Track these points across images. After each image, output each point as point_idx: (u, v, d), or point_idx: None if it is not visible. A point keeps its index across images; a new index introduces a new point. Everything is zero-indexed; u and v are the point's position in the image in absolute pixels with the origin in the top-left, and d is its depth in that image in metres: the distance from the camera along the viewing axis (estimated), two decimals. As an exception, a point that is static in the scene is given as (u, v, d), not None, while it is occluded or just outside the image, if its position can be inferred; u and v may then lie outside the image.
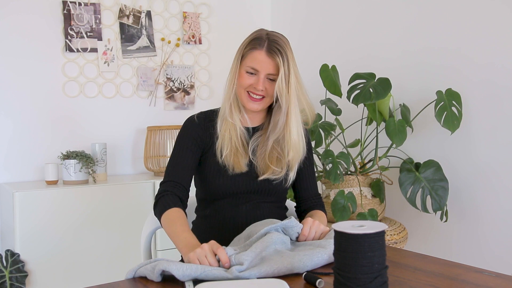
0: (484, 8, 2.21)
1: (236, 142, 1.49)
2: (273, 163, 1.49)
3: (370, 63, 2.74)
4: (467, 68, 2.29)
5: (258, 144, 1.53)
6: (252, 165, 1.51)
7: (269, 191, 1.52)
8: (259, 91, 1.45)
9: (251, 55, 1.45)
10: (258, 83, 1.45)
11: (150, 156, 2.88)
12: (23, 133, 2.71)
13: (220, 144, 1.49)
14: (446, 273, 1.13)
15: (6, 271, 2.28)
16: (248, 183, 1.50)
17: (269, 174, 1.49)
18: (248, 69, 1.45)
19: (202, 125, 1.53)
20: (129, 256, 2.52)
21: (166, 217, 1.38)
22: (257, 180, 1.50)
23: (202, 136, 1.52)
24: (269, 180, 1.50)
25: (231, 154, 1.48)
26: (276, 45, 1.44)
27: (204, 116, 1.56)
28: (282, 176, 1.51)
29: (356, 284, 0.89)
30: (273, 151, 1.50)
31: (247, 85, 1.46)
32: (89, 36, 2.87)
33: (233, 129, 1.49)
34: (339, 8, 2.99)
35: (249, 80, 1.46)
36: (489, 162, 2.23)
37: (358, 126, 2.59)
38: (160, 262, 1.10)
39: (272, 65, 1.44)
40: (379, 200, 2.38)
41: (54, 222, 2.38)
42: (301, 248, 1.24)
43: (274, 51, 1.43)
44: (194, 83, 3.22)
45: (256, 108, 1.48)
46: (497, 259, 2.19)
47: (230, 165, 1.48)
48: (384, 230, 0.91)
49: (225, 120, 1.50)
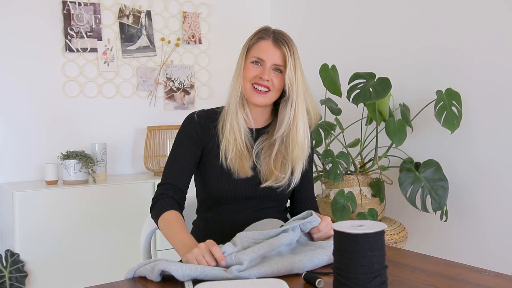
0: (484, 7, 2.21)
1: (241, 144, 1.46)
2: (277, 168, 1.46)
3: (370, 63, 2.74)
4: (467, 67, 2.29)
5: (263, 147, 1.49)
6: (255, 170, 1.48)
7: (272, 197, 1.50)
8: (265, 81, 1.42)
9: (257, 46, 1.44)
10: (264, 73, 1.42)
11: (150, 156, 2.88)
12: (22, 133, 2.71)
13: (224, 147, 1.45)
14: (446, 273, 1.13)
15: (6, 271, 2.28)
16: (250, 189, 1.47)
17: (272, 181, 1.46)
18: (253, 59, 1.44)
19: (203, 125, 1.50)
20: (129, 256, 2.52)
21: (163, 220, 1.37)
22: (259, 187, 1.47)
23: (201, 136, 1.48)
24: (271, 188, 1.48)
25: (236, 157, 1.45)
26: (282, 36, 1.45)
27: (205, 115, 1.52)
28: (285, 182, 1.48)
29: (356, 283, 0.89)
30: (278, 155, 1.47)
31: (253, 77, 1.43)
32: (89, 36, 2.87)
33: (237, 130, 1.46)
34: (339, 8, 2.99)
35: (254, 71, 1.43)
36: (489, 161, 2.23)
37: (358, 126, 2.59)
38: (160, 262, 1.10)
39: (278, 55, 1.43)
40: (379, 200, 2.38)
41: (54, 222, 2.38)
42: (301, 249, 1.24)
43: (281, 41, 1.43)
44: (194, 83, 3.22)
45: (261, 102, 1.44)
46: (497, 259, 2.19)
47: (234, 169, 1.45)
48: (383, 230, 0.91)
49: (229, 121, 1.46)
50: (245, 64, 1.45)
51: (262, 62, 1.43)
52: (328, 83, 2.41)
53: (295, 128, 1.45)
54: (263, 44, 1.43)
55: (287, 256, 1.16)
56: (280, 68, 1.44)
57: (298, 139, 1.46)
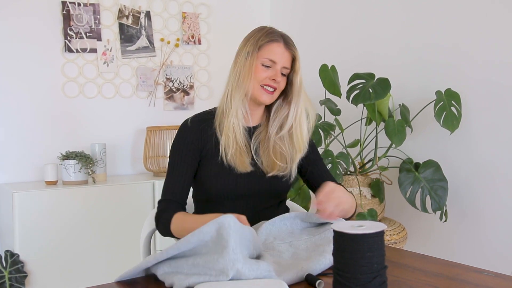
0: (483, 7, 2.21)
1: (240, 140, 1.47)
2: (277, 158, 1.48)
3: (369, 63, 2.74)
4: (467, 66, 2.29)
5: (260, 142, 1.51)
6: (256, 165, 1.49)
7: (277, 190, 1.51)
8: (277, 83, 1.46)
9: (269, 47, 1.46)
10: (277, 75, 1.45)
11: (150, 156, 2.88)
12: (22, 134, 2.71)
13: (224, 144, 1.46)
14: (446, 273, 1.13)
15: (6, 272, 2.28)
16: (254, 183, 1.47)
17: (277, 170, 1.48)
18: (265, 61, 1.46)
19: (197, 129, 1.49)
20: (129, 257, 2.52)
21: (175, 223, 1.36)
22: (266, 177, 1.48)
23: (197, 142, 1.48)
24: (277, 177, 1.49)
25: (236, 153, 1.45)
26: (290, 40, 1.50)
27: (198, 119, 1.52)
28: (288, 172, 1.50)
29: (355, 284, 0.89)
30: (276, 147, 1.50)
31: (263, 78, 1.45)
32: (89, 36, 2.87)
33: (237, 127, 1.47)
34: (338, 8, 2.99)
35: (265, 73, 1.46)
36: (488, 162, 2.23)
37: (358, 126, 2.59)
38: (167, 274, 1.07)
39: (288, 58, 1.48)
40: (379, 200, 2.38)
41: (54, 222, 2.38)
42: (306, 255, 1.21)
43: (291, 44, 1.49)
44: (194, 84, 3.22)
45: (269, 101, 1.48)
46: (496, 259, 2.19)
47: (235, 164, 1.45)
48: (383, 230, 0.91)
49: (230, 118, 1.46)
50: (254, 64, 1.46)
51: (274, 64, 1.46)
52: (327, 84, 2.42)
53: (299, 126, 1.50)
54: (276, 47, 1.46)
55: (296, 263, 1.14)
56: (286, 72, 1.49)
57: (303, 134, 1.50)
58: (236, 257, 1.00)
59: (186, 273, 1.04)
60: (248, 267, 1.01)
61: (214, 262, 1.01)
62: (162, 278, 1.08)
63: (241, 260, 1.00)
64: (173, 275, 1.05)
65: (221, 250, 1.01)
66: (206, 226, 1.04)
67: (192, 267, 1.04)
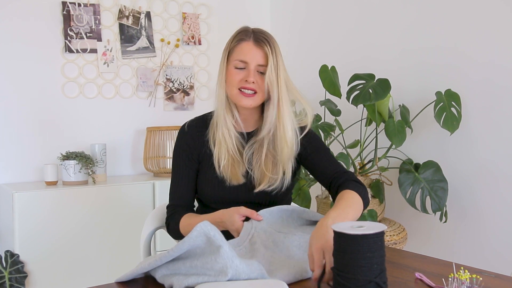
0: (483, 7, 2.22)
1: (233, 150, 1.43)
2: (268, 169, 1.43)
3: (369, 64, 2.74)
4: (467, 68, 2.29)
5: (253, 151, 1.46)
6: (248, 175, 1.45)
7: (267, 202, 1.46)
8: (251, 83, 1.38)
9: (238, 48, 1.40)
10: (249, 75, 1.38)
11: (150, 157, 2.88)
12: (22, 134, 2.71)
13: (217, 155, 1.44)
14: (446, 274, 1.13)
15: (6, 272, 2.28)
16: (244, 196, 1.46)
17: (265, 184, 1.42)
18: (237, 63, 1.40)
19: (193, 134, 1.49)
20: (129, 257, 2.52)
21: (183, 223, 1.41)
22: (253, 193, 1.45)
23: (194, 147, 1.48)
24: (265, 192, 1.44)
25: (228, 164, 1.43)
26: (263, 35, 1.41)
27: (195, 124, 1.52)
28: (279, 184, 1.44)
29: (355, 284, 0.89)
30: (268, 155, 1.44)
31: (237, 81, 1.39)
32: (89, 37, 2.87)
33: (228, 136, 1.43)
34: (339, 9, 2.99)
35: (238, 76, 1.39)
36: (488, 162, 2.23)
37: (358, 127, 2.59)
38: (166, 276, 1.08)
39: (260, 55, 1.39)
40: (379, 201, 2.38)
41: (54, 223, 2.38)
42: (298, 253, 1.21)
43: (262, 40, 1.39)
44: (194, 84, 3.23)
45: (250, 104, 1.40)
46: (497, 260, 2.19)
47: (227, 176, 1.43)
48: (383, 231, 0.91)
49: (220, 129, 1.44)
50: (227, 68, 1.42)
51: (246, 64, 1.40)
52: (327, 84, 2.42)
53: (282, 128, 1.41)
54: (245, 46, 1.39)
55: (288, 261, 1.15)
56: (264, 71, 1.40)
57: (287, 138, 1.41)
58: (234, 254, 1.02)
59: (185, 274, 1.05)
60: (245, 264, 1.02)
61: (212, 262, 1.01)
62: (161, 280, 1.08)
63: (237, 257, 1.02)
64: (171, 276, 1.06)
65: (217, 250, 1.02)
66: (194, 231, 1.05)
67: (190, 269, 1.05)
